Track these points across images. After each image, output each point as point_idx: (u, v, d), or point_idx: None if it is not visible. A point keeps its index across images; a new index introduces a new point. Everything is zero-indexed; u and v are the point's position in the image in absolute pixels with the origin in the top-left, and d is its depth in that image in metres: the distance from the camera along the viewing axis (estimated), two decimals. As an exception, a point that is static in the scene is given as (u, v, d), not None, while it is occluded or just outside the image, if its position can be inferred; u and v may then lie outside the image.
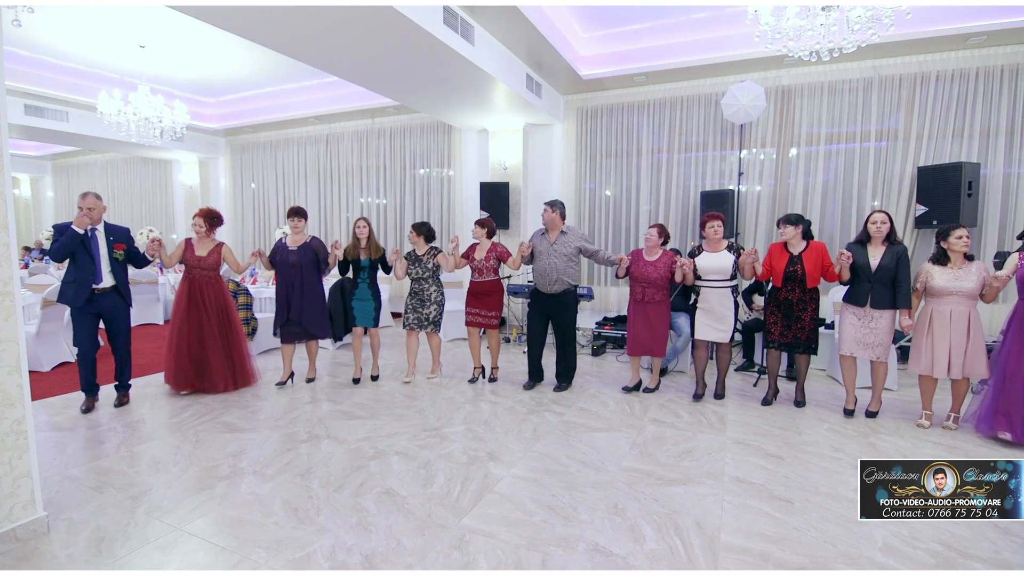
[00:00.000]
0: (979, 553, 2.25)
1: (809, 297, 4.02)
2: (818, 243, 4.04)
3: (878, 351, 3.85)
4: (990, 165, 5.49)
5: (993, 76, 5.43)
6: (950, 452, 3.35)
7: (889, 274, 3.76)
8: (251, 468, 3.07)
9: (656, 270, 4.38)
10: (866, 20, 3.63)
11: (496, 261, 4.73)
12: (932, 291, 3.68)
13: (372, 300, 4.78)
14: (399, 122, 8.48)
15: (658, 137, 6.91)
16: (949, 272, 3.64)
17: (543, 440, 3.52)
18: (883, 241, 3.84)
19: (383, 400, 4.38)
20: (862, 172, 5.99)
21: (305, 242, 4.60)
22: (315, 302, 4.65)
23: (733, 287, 4.27)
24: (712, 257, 4.27)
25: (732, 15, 5.53)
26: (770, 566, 2.18)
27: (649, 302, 4.43)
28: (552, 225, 4.56)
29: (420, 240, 4.80)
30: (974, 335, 3.57)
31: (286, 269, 4.56)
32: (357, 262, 4.73)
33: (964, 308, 3.60)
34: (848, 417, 3.98)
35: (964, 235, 3.60)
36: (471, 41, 4.97)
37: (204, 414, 4.01)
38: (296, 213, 4.59)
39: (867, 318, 3.86)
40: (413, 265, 4.81)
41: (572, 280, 4.53)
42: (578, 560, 2.21)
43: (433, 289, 4.82)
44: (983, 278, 3.53)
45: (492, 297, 4.77)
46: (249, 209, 10.23)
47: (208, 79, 8.00)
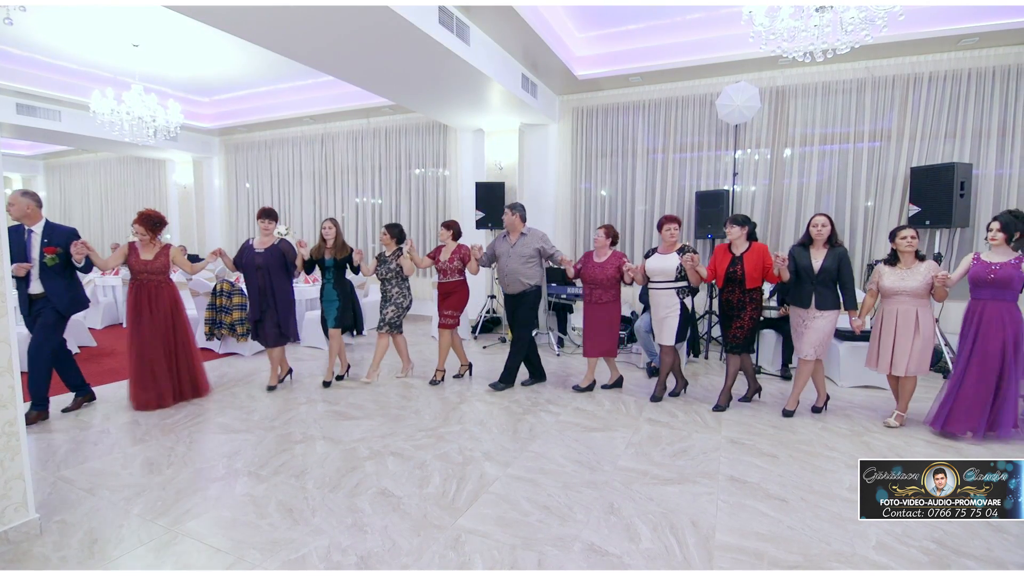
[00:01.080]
0: (972, 551, 2.27)
1: (749, 298, 4.03)
2: (760, 244, 4.06)
3: (819, 350, 3.90)
4: (982, 166, 5.53)
5: (985, 77, 5.46)
6: (943, 450, 3.37)
7: (831, 276, 3.84)
8: (246, 469, 3.05)
9: (604, 271, 4.43)
10: (859, 21, 3.64)
11: (460, 262, 4.76)
12: (882, 291, 3.78)
13: (337, 300, 4.72)
14: (394, 122, 8.46)
15: (653, 137, 6.92)
16: (897, 272, 3.72)
17: (539, 440, 3.52)
18: (825, 243, 3.91)
19: (379, 401, 4.37)
20: (856, 172, 6.02)
21: (273, 244, 4.49)
22: (285, 305, 4.52)
23: (678, 289, 4.28)
24: (660, 259, 4.33)
25: (727, 16, 5.54)
26: (765, 565, 2.19)
27: (598, 303, 4.49)
28: (512, 227, 4.64)
29: (391, 241, 4.81)
30: (923, 333, 3.63)
31: (251, 271, 4.44)
32: (322, 262, 4.69)
33: (911, 307, 3.66)
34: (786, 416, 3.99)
35: (909, 236, 3.68)
36: (467, 41, 4.96)
37: (198, 415, 3.99)
38: (266, 215, 4.48)
39: (808, 318, 3.93)
40: (381, 266, 4.81)
41: (531, 281, 4.59)
42: (574, 560, 2.22)
43: (396, 291, 4.80)
44: (931, 278, 3.58)
45: (455, 297, 4.80)
46: (244, 209, 10.18)
47: (202, 78, 7.96)
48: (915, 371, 3.68)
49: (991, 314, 3.41)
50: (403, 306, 4.84)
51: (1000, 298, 3.41)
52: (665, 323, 4.28)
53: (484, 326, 7.24)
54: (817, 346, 3.88)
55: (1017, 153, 5.43)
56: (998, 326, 3.38)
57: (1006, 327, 3.37)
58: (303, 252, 4.56)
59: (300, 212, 9.40)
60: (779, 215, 6.35)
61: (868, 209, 6.01)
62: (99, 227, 12.02)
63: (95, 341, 6.46)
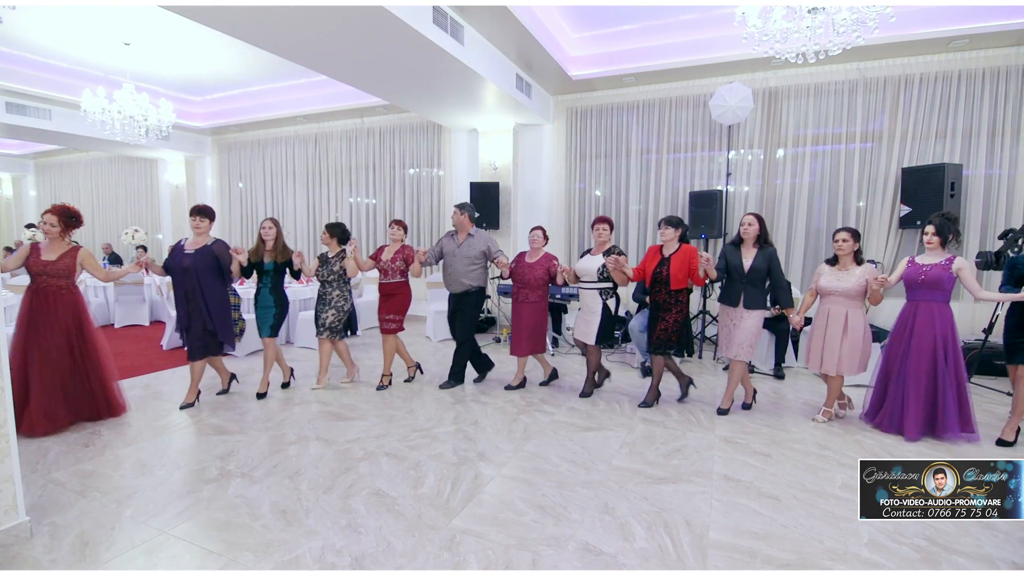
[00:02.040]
0: (962, 548, 2.29)
1: (674, 299, 4.05)
2: (689, 246, 4.08)
3: (742, 350, 3.94)
4: (972, 166, 5.59)
5: (975, 79, 5.52)
6: (933, 448, 3.40)
7: (760, 275, 3.88)
8: (239, 470, 3.04)
9: (533, 272, 4.50)
10: (851, 23, 3.67)
11: (403, 263, 4.63)
12: (819, 290, 3.86)
13: (274, 307, 4.41)
14: (389, 122, 8.45)
15: (647, 138, 6.94)
16: (835, 273, 3.79)
17: (533, 440, 3.53)
18: (754, 243, 3.95)
19: (373, 401, 4.36)
20: (847, 173, 6.06)
21: (205, 245, 4.06)
22: (218, 310, 4.08)
23: (602, 290, 4.32)
24: (588, 260, 4.40)
25: (720, 17, 5.57)
26: (758, 563, 2.20)
27: (525, 302, 4.55)
28: (461, 227, 4.63)
29: (333, 241, 4.62)
30: (851, 334, 3.70)
31: (178, 274, 3.99)
32: (260, 265, 4.37)
33: (842, 308, 3.74)
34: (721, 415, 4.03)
35: (842, 238, 3.74)
36: (461, 41, 4.96)
37: (191, 416, 3.97)
38: (199, 212, 4.06)
39: (736, 318, 3.97)
40: (322, 267, 4.62)
41: (473, 282, 4.60)
42: (568, 559, 2.22)
43: (336, 294, 4.59)
44: (865, 281, 3.63)
45: (397, 299, 4.66)
46: (236, 209, 10.13)
47: (194, 77, 7.91)
48: (844, 371, 3.75)
49: (924, 315, 3.50)
50: (344, 309, 4.64)
51: (932, 299, 3.50)
52: (590, 323, 4.37)
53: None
54: (746, 346, 3.94)
55: (1007, 154, 5.49)
56: (930, 326, 3.47)
57: (936, 327, 3.46)
58: (240, 258, 4.16)
59: (294, 212, 9.36)
60: (772, 215, 6.38)
61: (860, 209, 6.05)
62: (90, 227, 11.91)
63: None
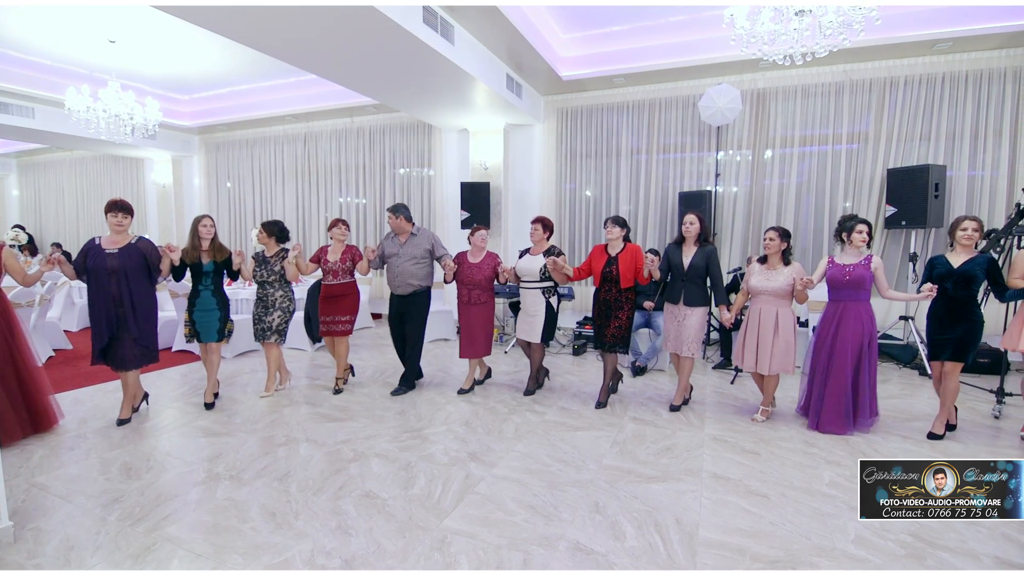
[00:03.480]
0: (947, 543, 2.32)
1: (625, 297, 4.12)
2: (633, 245, 4.16)
3: (687, 346, 4.03)
4: (955, 167, 5.67)
5: (958, 81, 5.61)
6: (919, 446, 3.45)
7: (700, 273, 3.96)
8: (227, 473, 3.01)
9: (481, 272, 4.47)
10: (837, 25, 3.71)
11: (351, 263, 4.56)
12: (750, 289, 3.93)
13: (217, 310, 4.14)
14: (378, 121, 8.40)
15: (637, 138, 6.97)
16: (764, 272, 3.86)
17: (524, 440, 3.53)
18: (695, 242, 4.03)
19: (363, 402, 4.34)
20: (834, 173, 6.13)
21: (129, 243, 3.70)
22: (148, 317, 3.75)
23: (543, 289, 4.39)
24: (529, 260, 4.45)
25: (709, 19, 5.61)
26: (747, 560, 2.22)
27: (476, 303, 4.52)
28: (399, 229, 4.55)
29: (271, 241, 4.44)
30: (782, 333, 3.77)
31: (102, 277, 3.58)
32: (198, 266, 4.09)
33: (772, 307, 3.81)
34: (673, 411, 4.11)
35: (770, 237, 3.82)
36: (451, 41, 4.95)
37: (177, 418, 3.92)
38: (121, 208, 3.66)
39: (680, 315, 4.05)
40: (260, 268, 4.41)
41: (422, 282, 4.55)
42: (559, 559, 2.22)
43: (280, 295, 4.42)
44: (792, 280, 3.72)
45: (347, 300, 4.57)
46: (224, 209, 10.02)
47: (181, 76, 7.82)
48: (777, 369, 3.81)
49: (849, 314, 3.59)
50: (290, 311, 4.47)
51: (856, 298, 3.60)
52: (534, 322, 4.41)
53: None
54: (694, 342, 4.02)
55: (989, 155, 5.59)
56: (857, 325, 3.57)
57: (863, 325, 3.57)
58: (173, 256, 3.89)
59: (283, 212, 9.28)
60: (760, 216, 6.44)
61: (847, 210, 6.12)
62: (74, 227, 11.75)
63: (71, 344, 6.32)
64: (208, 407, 4.16)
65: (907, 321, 5.59)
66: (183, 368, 5.38)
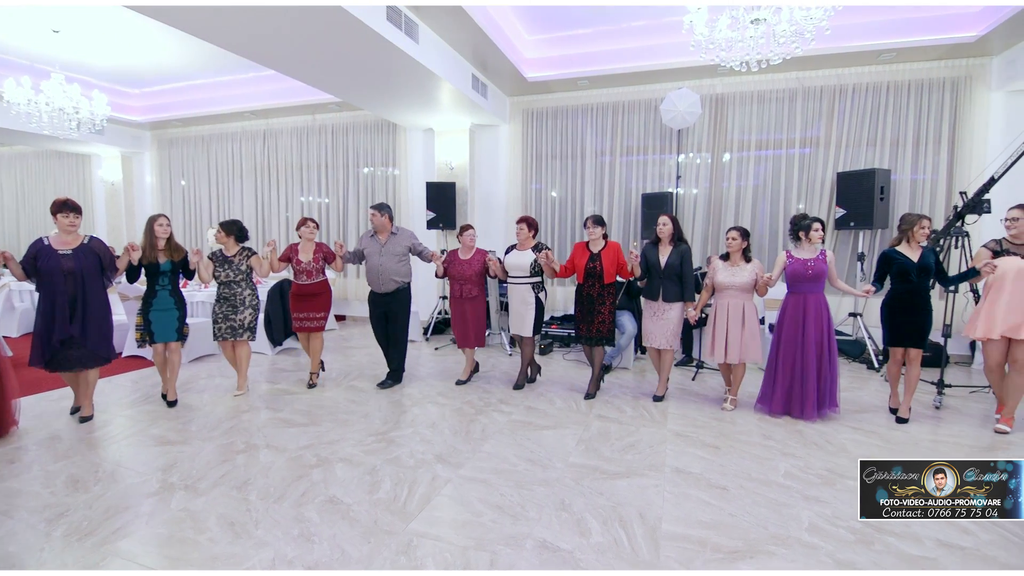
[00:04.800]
0: (892, 528, 2.45)
1: (607, 292, 4.33)
2: (614, 243, 4.39)
3: (666, 340, 4.25)
4: (899, 171, 5.99)
5: (901, 90, 5.92)
6: (868, 437, 3.62)
7: (675, 271, 4.17)
8: (182, 483, 2.90)
9: (471, 267, 4.70)
10: (790, 34, 3.86)
11: (324, 262, 4.67)
12: (716, 285, 4.16)
13: (176, 309, 4.14)
14: (341, 119, 8.25)
15: (601, 140, 7.08)
16: (729, 269, 4.11)
17: (491, 440, 3.53)
18: (670, 241, 4.24)
19: (326, 406, 4.25)
20: (788, 177, 6.38)
21: (82, 243, 3.67)
22: (102, 318, 3.75)
23: (533, 284, 4.58)
24: (516, 256, 4.62)
25: (669, 24, 5.74)
26: (708, 551, 2.28)
27: (467, 298, 4.73)
28: (382, 228, 4.68)
29: (230, 240, 4.43)
30: (748, 325, 4.04)
31: (57, 278, 3.54)
32: (155, 266, 4.04)
33: (739, 301, 4.07)
34: (657, 402, 4.34)
35: (732, 236, 4.08)
36: (415, 39, 4.91)
37: (128, 427, 3.76)
38: (72, 208, 3.61)
39: (660, 311, 4.25)
40: (221, 267, 4.38)
41: (405, 278, 4.70)
42: (526, 557, 2.24)
43: (248, 293, 4.43)
44: (755, 275, 4.02)
45: (320, 299, 4.70)
46: (179, 208, 9.65)
47: (131, 68, 7.48)
48: (747, 358, 4.09)
49: (811, 306, 3.86)
50: (258, 308, 4.54)
51: (815, 291, 3.89)
52: (525, 317, 4.59)
53: (436, 327, 7.18)
54: (671, 336, 4.24)
55: (929, 160, 5.92)
56: (820, 316, 3.85)
57: (823, 316, 3.85)
58: (133, 256, 3.86)
59: (241, 211, 9.00)
60: (719, 217, 6.63)
61: (799, 211, 6.36)
62: (14, 227, 11.07)
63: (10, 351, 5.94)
64: (171, 404, 4.18)
65: (856, 318, 5.87)
66: (133, 375, 5.15)
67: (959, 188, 5.48)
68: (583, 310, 4.42)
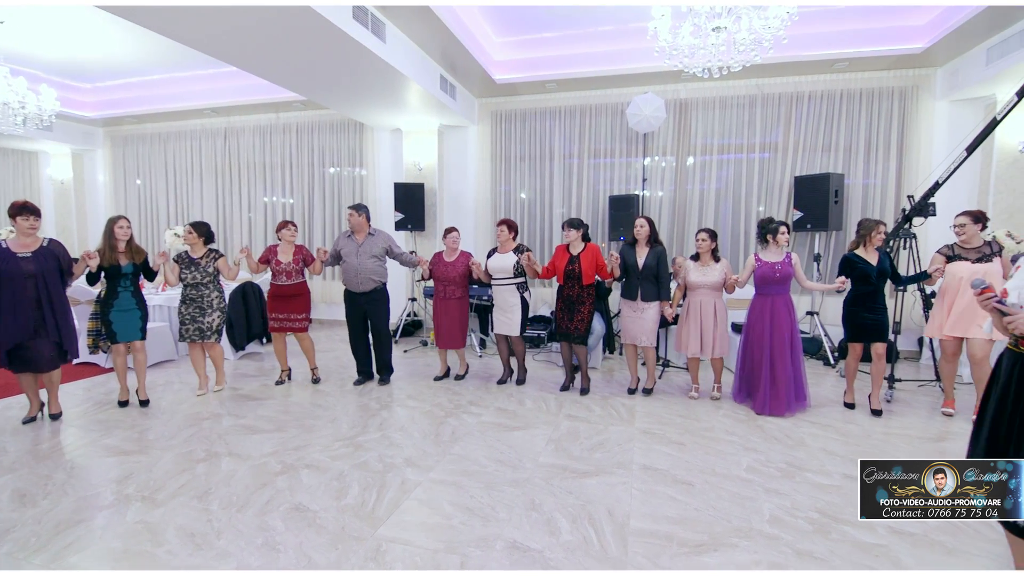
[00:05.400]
0: (847, 517, 2.56)
1: (586, 293, 4.48)
2: (593, 245, 4.54)
3: (646, 337, 4.43)
4: (852, 176, 6.25)
5: (854, 98, 6.19)
6: (824, 430, 3.76)
7: (652, 271, 4.36)
8: (138, 494, 2.79)
9: (455, 269, 4.82)
10: (749, 43, 3.99)
11: (304, 263, 4.74)
12: (688, 285, 4.37)
13: (137, 309, 4.17)
14: (306, 118, 8.08)
15: (569, 143, 7.15)
16: (699, 269, 4.32)
17: (461, 442, 3.52)
18: (647, 243, 4.41)
19: (291, 411, 4.16)
20: (748, 180, 6.58)
21: (41, 245, 3.70)
22: (65, 317, 3.77)
23: (518, 285, 4.71)
24: (499, 258, 4.73)
25: (635, 30, 5.84)
26: (674, 546, 2.34)
27: (451, 298, 4.87)
28: (359, 228, 4.74)
29: (199, 241, 4.42)
30: (719, 321, 4.29)
31: (19, 281, 3.55)
32: (116, 269, 4.03)
33: (710, 299, 4.30)
34: (631, 395, 4.53)
35: (701, 238, 4.31)
36: (382, 38, 4.86)
37: (80, 438, 3.59)
38: (31, 211, 3.63)
39: (638, 310, 4.42)
40: (187, 269, 4.36)
41: (382, 278, 4.78)
42: (496, 558, 2.24)
43: (215, 295, 4.45)
44: (725, 274, 4.25)
45: (300, 299, 4.76)
46: (133, 208, 9.27)
47: (82, 61, 7.14)
48: (719, 353, 4.33)
49: (779, 307, 4.07)
50: (225, 311, 4.57)
51: (782, 292, 4.09)
52: (512, 317, 4.70)
53: (404, 329, 7.11)
54: (651, 333, 4.41)
55: (880, 165, 6.21)
56: (787, 316, 4.06)
57: (790, 316, 4.08)
58: (91, 264, 3.85)
59: (201, 211, 8.71)
60: (684, 219, 6.79)
61: (760, 214, 6.57)
62: (-49, 227, 10.42)
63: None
64: (143, 404, 4.22)
65: (813, 316, 6.09)
66: (85, 382, 4.93)
67: (907, 192, 5.77)
68: (564, 310, 4.54)
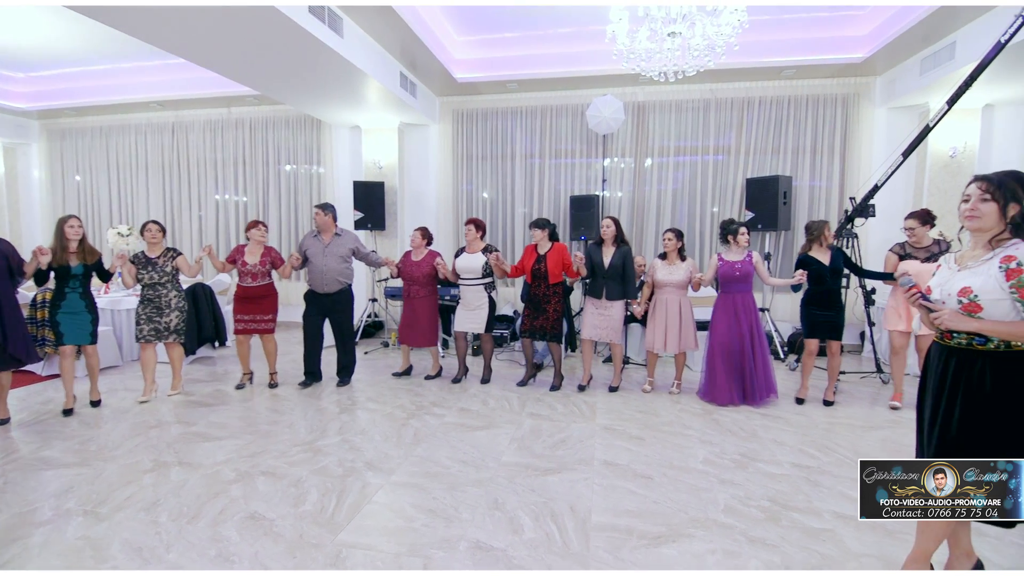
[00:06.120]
0: (796, 504, 2.68)
1: (552, 291, 4.61)
2: (560, 244, 4.67)
3: (611, 334, 4.59)
4: (799, 178, 6.55)
5: (800, 104, 6.48)
6: (775, 422, 3.92)
7: (618, 271, 4.50)
8: (80, 508, 2.64)
9: (420, 269, 4.89)
10: (703, 48, 4.12)
11: (271, 265, 4.68)
12: (655, 283, 4.54)
13: (87, 312, 4.03)
14: (260, 113, 7.82)
15: (531, 143, 7.19)
16: (666, 267, 4.49)
17: (424, 444, 3.49)
18: (613, 242, 4.55)
19: (246, 417, 4.03)
20: (703, 181, 6.79)
21: None
22: (17, 319, 3.64)
23: (485, 285, 4.81)
24: (467, 258, 4.81)
25: (594, 33, 5.93)
26: (634, 539, 2.39)
27: (416, 297, 4.92)
28: (326, 228, 4.70)
29: (160, 240, 4.37)
30: (684, 318, 4.46)
31: None
32: (66, 269, 3.91)
33: (676, 297, 4.46)
34: (581, 392, 4.65)
35: (668, 237, 4.50)
36: (340, 33, 4.75)
37: (14, 450, 3.36)
38: None
39: (602, 308, 4.56)
40: (144, 269, 4.27)
41: (348, 279, 4.77)
42: (459, 559, 2.24)
43: (174, 295, 4.38)
44: (690, 273, 4.42)
45: (267, 301, 4.70)
46: (73, 205, 8.75)
47: (13, 49, 6.68)
48: (684, 348, 4.51)
49: (741, 304, 4.28)
50: (185, 310, 4.47)
51: (744, 290, 4.30)
52: (478, 315, 4.80)
53: (365, 330, 6.99)
54: (615, 331, 4.55)
55: (825, 168, 6.53)
56: (747, 313, 4.27)
57: (751, 313, 4.27)
58: (42, 261, 3.71)
59: (147, 209, 8.31)
60: (642, 219, 6.94)
61: (714, 214, 6.80)
62: None
63: None
64: (95, 404, 4.17)
65: (764, 312, 6.34)
66: (20, 391, 4.62)
67: (849, 194, 6.07)
68: (530, 308, 4.62)
